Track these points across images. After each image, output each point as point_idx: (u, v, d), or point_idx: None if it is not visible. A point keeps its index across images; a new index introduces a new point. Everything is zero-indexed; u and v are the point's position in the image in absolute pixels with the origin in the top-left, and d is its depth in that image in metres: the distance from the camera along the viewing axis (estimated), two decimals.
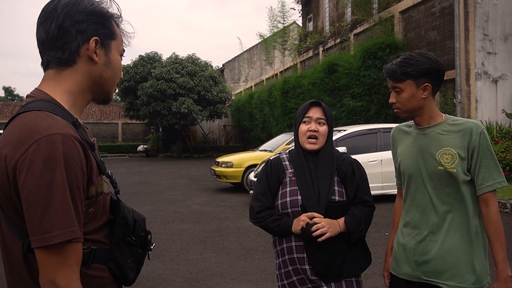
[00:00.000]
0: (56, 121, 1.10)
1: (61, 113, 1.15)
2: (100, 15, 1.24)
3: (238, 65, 35.84)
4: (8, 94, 59.70)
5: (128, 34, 1.37)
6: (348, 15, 18.73)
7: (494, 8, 11.00)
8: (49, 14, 1.19)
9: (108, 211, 1.28)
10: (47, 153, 1.04)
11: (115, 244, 1.27)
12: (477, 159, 1.85)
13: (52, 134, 1.06)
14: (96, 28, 1.23)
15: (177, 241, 6.11)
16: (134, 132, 36.45)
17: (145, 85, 23.75)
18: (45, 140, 1.04)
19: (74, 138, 1.09)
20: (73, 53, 1.21)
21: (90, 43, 1.22)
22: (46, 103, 1.16)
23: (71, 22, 1.19)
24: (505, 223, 6.52)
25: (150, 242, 1.44)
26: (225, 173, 11.04)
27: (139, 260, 1.38)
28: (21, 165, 1.04)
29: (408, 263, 2.00)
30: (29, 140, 1.05)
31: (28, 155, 1.04)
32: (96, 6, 1.24)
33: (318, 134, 2.10)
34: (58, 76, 1.23)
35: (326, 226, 2.00)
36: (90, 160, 1.15)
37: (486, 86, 11.00)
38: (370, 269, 4.48)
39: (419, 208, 1.98)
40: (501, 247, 1.83)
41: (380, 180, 8.57)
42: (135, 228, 1.35)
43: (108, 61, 1.28)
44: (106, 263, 1.24)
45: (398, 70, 1.88)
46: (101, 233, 1.24)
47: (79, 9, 1.20)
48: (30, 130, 1.07)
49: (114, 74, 1.31)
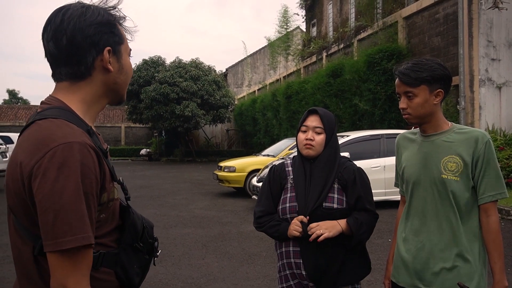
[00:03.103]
0: (71, 129, 1.12)
1: (76, 121, 1.17)
2: (108, 24, 1.24)
3: (241, 69, 35.91)
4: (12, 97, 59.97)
5: (132, 30, 1.36)
6: (352, 21, 18.75)
7: (498, 14, 10.99)
8: (57, 28, 1.18)
9: (117, 217, 1.30)
10: (62, 160, 1.05)
11: (122, 249, 1.28)
12: (480, 168, 1.85)
13: (68, 142, 1.08)
14: (107, 38, 1.23)
15: (179, 246, 6.10)
16: (137, 136, 36.52)
17: (149, 88, 23.82)
18: (61, 148, 1.06)
19: (89, 146, 1.12)
20: (88, 67, 1.22)
21: (104, 54, 1.23)
22: (61, 110, 1.18)
23: (82, 36, 1.18)
24: (508, 230, 6.49)
25: (157, 249, 1.45)
26: (228, 178, 11.03)
27: (145, 266, 1.39)
28: (36, 171, 1.05)
29: (408, 271, 1.98)
30: (45, 148, 1.07)
31: (43, 162, 1.05)
32: (103, 15, 1.23)
33: (314, 142, 2.12)
34: (73, 87, 1.24)
35: (323, 227, 2.00)
36: (103, 167, 1.17)
37: (490, 93, 10.97)
38: (373, 275, 4.46)
39: (420, 216, 1.97)
40: (499, 257, 1.83)
41: (383, 186, 8.55)
42: (143, 234, 1.36)
43: (121, 67, 1.30)
44: (113, 267, 1.25)
45: (412, 74, 1.84)
46: (110, 237, 1.26)
47: (88, 22, 1.19)
48: (46, 137, 1.09)
49: (127, 77, 1.34)
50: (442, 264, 1.89)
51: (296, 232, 2.04)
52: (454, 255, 1.88)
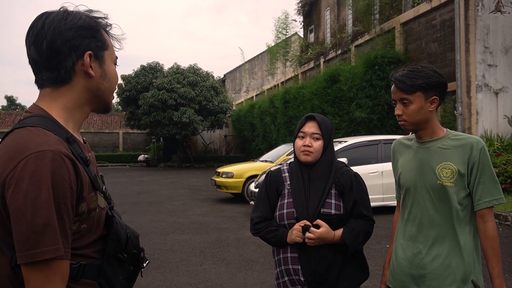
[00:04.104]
0: (48, 137, 1.10)
1: (55, 129, 1.15)
2: (89, 29, 1.22)
3: (239, 75, 35.98)
4: (11, 103, 59.92)
5: (118, 38, 1.34)
6: (349, 27, 18.85)
7: (495, 21, 11.06)
8: (38, 33, 1.17)
9: (102, 226, 1.27)
10: (34, 169, 1.03)
11: (106, 260, 1.25)
12: (476, 174, 1.85)
13: (42, 150, 1.05)
14: (88, 43, 1.21)
15: (177, 252, 6.08)
16: (135, 142, 36.52)
17: (147, 95, 23.84)
18: (33, 156, 1.04)
19: (64, 155, 1.09)
20: (68, 71, 1.20)
21: (84, 58, 1.21)
22: (40, 118, 1.16)
23: (62, 41, 1.17)
24: (506, 236, 6.49)
25: (144, 259, 1.41)
26: (226, 184, 11.02)
27: (130, 277, 1.36)
28: (9, 181, 1.04)
29: (405, 277, 1.99)
30: (18, 157, 1.05)
31: (16, 171, 1.04)
32: (85, 19, 1.22)
33: (312, 149, 2.12)
34: (54, 93, 1.22)
35: (318, 237, 2.01)
36: (81, 176, 1.14)
37: (487, 98, 11.02)
38: (371, 281, 4.45)
39: (416, 221, 1.98)
40: (497, 262, 1.83)
41: (380, 191, 8.55)
42: (127, 244, 1.33)
43: (104, 73, 1.27)
44: (96, 278, 1.22)
45: (408, 81, 1.85)
46: (92, 248, 1.23)
47: (68, 26, 1.18)
48: (21, 146, 1.07)
49: (111, 84, 1.31)
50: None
51: (299, 238, 2.03)
52: (450, 261, 1.88)
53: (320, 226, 2.03)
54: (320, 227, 2.02)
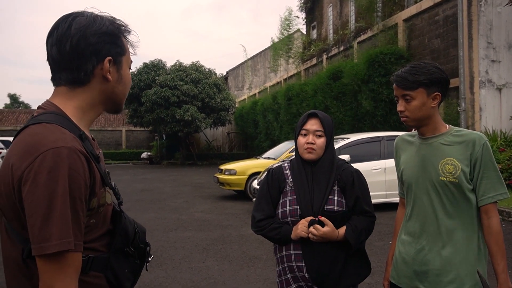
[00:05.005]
0: (63, 134, 1.14)
1: (69, 126, 1.19)
2: (112, 35, 1.28)
3: (242, 72, 35.94)
4: (13, 101, 60.06)
5: (135, 44, 1.41)
6: (352, 23, 18.78)
7: (498, 16, 11.00)
8: (63, 34, 1.21)
9: (108, 221, 1.31)
10: (51, 165, 1.07)
11: (113, 254, 1.29)
12: (479, 170, 1.85)
13: (58, 147, 1.09)
14: (109, 48, 1.27)
15: (179, 249, 6.09)
16: (138, 139, 36.55)
17: (149, 92, 23.85)
18: (51, 152, 1.08)
19: (79, 152, 1.13)
20: (88, 74, 1.25)
21: (104, 63, 1.26)
22: (55, 115, 1.20)
23: (86, 44, 1.22)
24: (510, 232, 6.47)
25: (149, 254, 1.46)
26: (229, 181, 11.02)
27: (136, 271, 1.40)
28: (27, 175, 1.07)
29: (408, 273, 1.99)
30: (36, 152, 1.09)
31: (34, 166, 1.07)
32: (108, 26, 1.27)
33: (315, 146, 2.11)
34: (70, 92, 1.26)
35: (319, 238, 2.02)
36: (93, 172, 1.18)
37: (490, 94, 10.97)
38: (373, 278, 4.45)
39: (419, 218, 1.98)
40: (501, 258, 1.83)
41: (383, 188, 8.54)
42: (134, 239, 1.37)
43: (120, 77, 1.33)
44: (103, 271, 1.26)
45: (410, 78, 1.86)
46: (100, 242, 1.27)
47: (93, 31, 1.23)
48: (38, 142, 1.11)
49: (125, 88, 1.36)
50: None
51: (304, 233, 2.03)
52: (454, 257, 1.88)
53: (324, 224, 2.03)
54: (324, 225, 2.02)
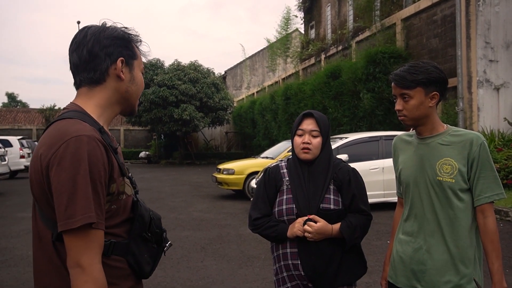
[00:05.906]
0: (83, 125, 1.30)
1: (89, 121, 1.35)
2: (123, 39, 1.45)
3: (240, 72, 35.93)
4: (11, 100, 59.92)
5: (145, 53, 1.57)
6: (350, 23, 18.80)
7: (496, 16, 11.02)
8: (81, 42, 1.39)
9: (128, 210, 1.44)
10: (74, 150, 1.22)
11: (133, 239, 1.42)
12: (476, 170, 1.86)
13: (79, 135, 1.25)
14: (121, 51, 1.43)
15: (178, 248, 6.09)
16: (136, 139, 36.53)
17: (147, 91, 23.81)
18: (73, 140, 1.23)
19: (97, 140, 1.28)
20: (103, 73, 1.41)
21: (117, 63, 1.42)
22: (77, 113, 1.37)
23: (100, 47, 1.39)
24: (507, 231, 6.49)
25: (166, 240, 1.57)
26: (227, 180, 11.03)
27: (155, 256, 1.52)
28: (53, 161, 1.22)
29: (405, 272, 2.00)
30: (60, 141, 1.24)
31: (59, 152, 1.22)
32: (119, 32, 1.45)
33: (311, 146, 2.12)
34: (90, 92, 1.43)
35: (314, 235, 2.03)
36: (111, 160, 1.32)
37: (488, 94, 10.99)
38: (371, 277, 4.46)
39: (417, 217, 1.98)
40: (497, 257, 1.84)
41: (381, 187, 8.55)
42: (150, 225, 1.49)
43: (133, 78, 1.48)
44: (125, 255, 1.39)
45: (409, 77, 1.86)
46: (121, 228, 1.39)
47: (106, 35, 1.41)
48: (62, 132, 1.27)
49: (138, 89, 1.51)
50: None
51: (300, 232, 2.05)
52: (451, 256, 1.89)
53: (317, 222, 2.04)
54: (317, 222, 2.04)
